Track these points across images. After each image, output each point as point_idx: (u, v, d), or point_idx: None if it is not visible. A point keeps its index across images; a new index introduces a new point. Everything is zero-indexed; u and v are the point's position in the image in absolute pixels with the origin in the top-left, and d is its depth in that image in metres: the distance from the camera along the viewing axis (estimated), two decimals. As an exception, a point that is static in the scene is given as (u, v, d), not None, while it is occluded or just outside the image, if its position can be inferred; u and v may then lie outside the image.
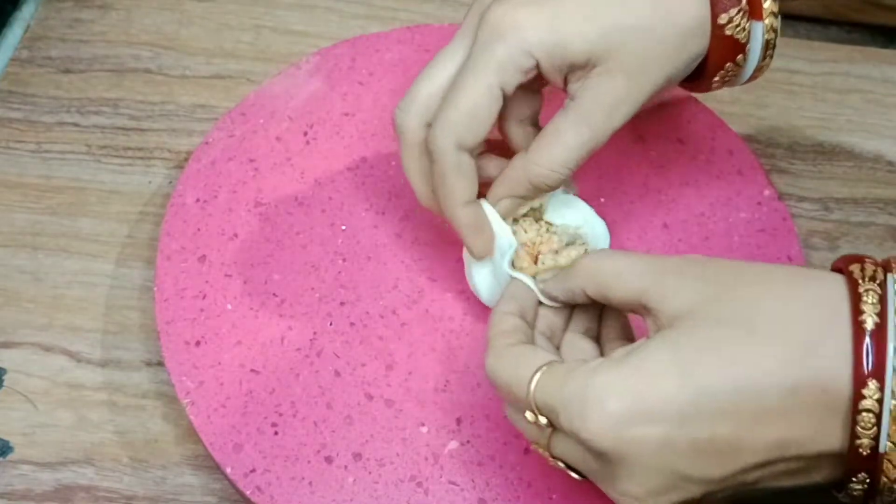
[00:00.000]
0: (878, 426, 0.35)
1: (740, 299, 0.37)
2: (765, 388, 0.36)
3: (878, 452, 0.35)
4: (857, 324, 0.35)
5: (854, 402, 0.35)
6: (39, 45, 0.63)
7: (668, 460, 0.36)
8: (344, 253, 0.53)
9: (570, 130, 0.45)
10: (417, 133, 0.46)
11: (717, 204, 0.54)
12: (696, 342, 0.37)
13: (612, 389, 0.36)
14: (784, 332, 0.36)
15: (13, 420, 0.50)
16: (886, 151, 0.60)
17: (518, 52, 0.44)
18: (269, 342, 0.50)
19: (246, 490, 0.46)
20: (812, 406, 0.35)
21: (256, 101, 0.58)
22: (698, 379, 0.36)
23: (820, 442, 0.36)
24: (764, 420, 0.36)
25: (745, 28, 0.46)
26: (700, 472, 0.37)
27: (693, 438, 0.36)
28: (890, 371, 0.34)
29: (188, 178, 0.55)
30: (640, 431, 0.36)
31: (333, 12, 0.65)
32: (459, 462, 0.47)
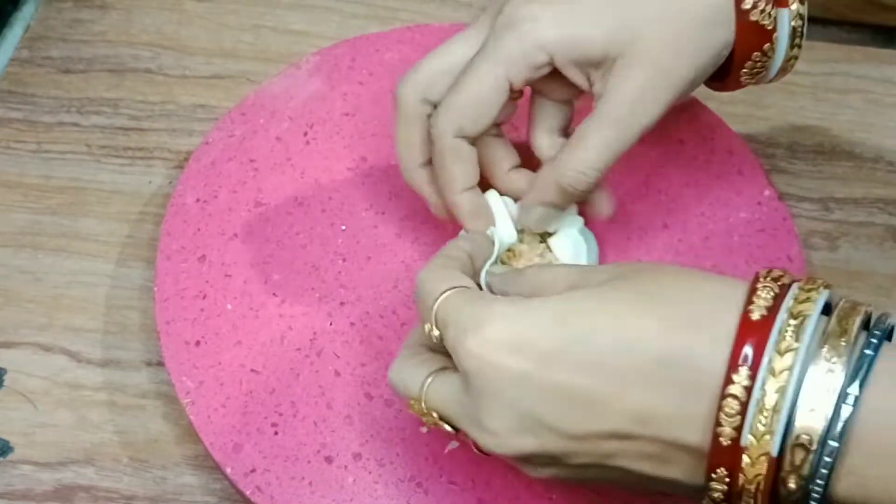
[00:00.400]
0: (743, 417, 0.33)
1: (645, 276, 0.38)
2: (638, 350, 0.35)
3: (738, 445, 0.33)
4: (745, 313, 0.34)
5: (722, 387, 0.34)
6: (39, 45, 0.63)
7: (526, 398, 0.36)
8: (344, 253, 0.53)
9: (596, 132, 0.44)
10: (411, 105, 0.46)
11: (717, 204, 0.54)
12: (589, 297, 0.37)
13: (498, 316, 0.37)
14: (672, 307, 0.36)
15: (13, 420, 0.50)
16: (886, 151, 0.60)
17: (530, 46, 0.43)
18: (269, 342, 0.50)
19: (246, 490, 0.46)
20: (678, 384, 0.35)
21: (256, 101, 0.58)
22: (575, 325, 0.36)
23: (680, 427, 0.35)
24: (629, 383, 0.35)
25: (770, 14, 0.45)
26: (557, 423, 0.36)
27: (553, 382, 0.36)
28: (765, 363, 0.33)
29: (188, 178, 0.55)
30: (505, 360, 0.36)
31: (333, 12, 0.65)
32: (459, 462, 0.47)
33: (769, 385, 0.33)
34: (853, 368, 0.33)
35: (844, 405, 0.33)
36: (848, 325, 0.34)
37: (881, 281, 0.55)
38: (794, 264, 0.52)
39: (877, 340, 0.34)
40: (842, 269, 0.55)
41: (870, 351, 0.33)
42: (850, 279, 0.55)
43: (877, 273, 0.55)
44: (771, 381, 0.33)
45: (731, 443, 0.34)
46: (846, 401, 0.33)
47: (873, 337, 0.34)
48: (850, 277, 0.55)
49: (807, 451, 0.33)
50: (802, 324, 0.34)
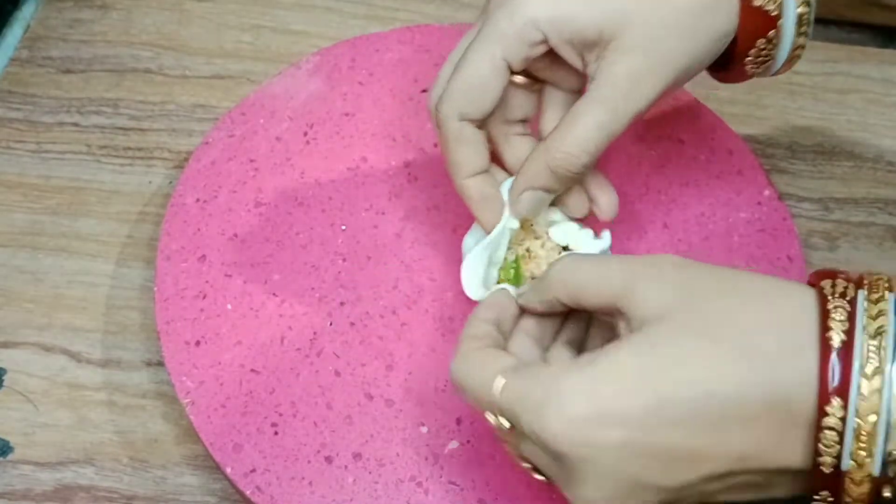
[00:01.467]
0: (841, 444, 0.34)
1: (711, 309, 0.37)
2: (727, 398, 0.35)
3: (840, 471, 0.34)
4: (824, 340, 0.34)
5: (817, 420, 0.34)
6: (39, 45, 0.63)
7: (625, 466, 0.36)
8: (344, 253, 0.53)
9: (588, 113, 0.43)
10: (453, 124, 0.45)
11: (717, 204, 0.54)
12: (662, 349, 0.36)
13: (572, 392, 0.36)
14: (751, 345, 0.35)
15: (13, 420, 0.50)
16: (886, 151, 0.60)
17: (522, 22, 0.43)
18: (269, 342, 0.50)
19: (246, 490, 0.46)
20: (774, 421, 0.35)
21: (256, 101, 0.58)
22: (661, 386, 0.35)
23: (781, 457, 0.35)
24: (724, 431, 0.35)
25: (777, 2, 0.44)
26: (657, 480, 0.36)
27: (651, 445, 0.35)
28: (854, 389, 0.34)
29: (188, 178, 0.55)
30: (598, 435, 0.35)
31: (333, 12, 0.65)
32: (459, 462, 0.47)
33: (862, 411, 0.34)
34: None
35: None
36: None
37: (881, 281, 0.55)
38: (794, 264, 0.52)
39: None
40: (842, 269, 0.55)
41: None
42: (850, 279, 0.55)
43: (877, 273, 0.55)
44: (863, 406, 0.34)
45: (832, 469, 0.34)
46: None
47: None
48: (850, 277, 0.55)
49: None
50: (882, 342, 0.34)
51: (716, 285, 0.38)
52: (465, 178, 0.46)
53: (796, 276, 0.52)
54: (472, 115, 0.44)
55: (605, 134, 0.44)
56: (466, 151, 0.45)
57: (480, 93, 0.44)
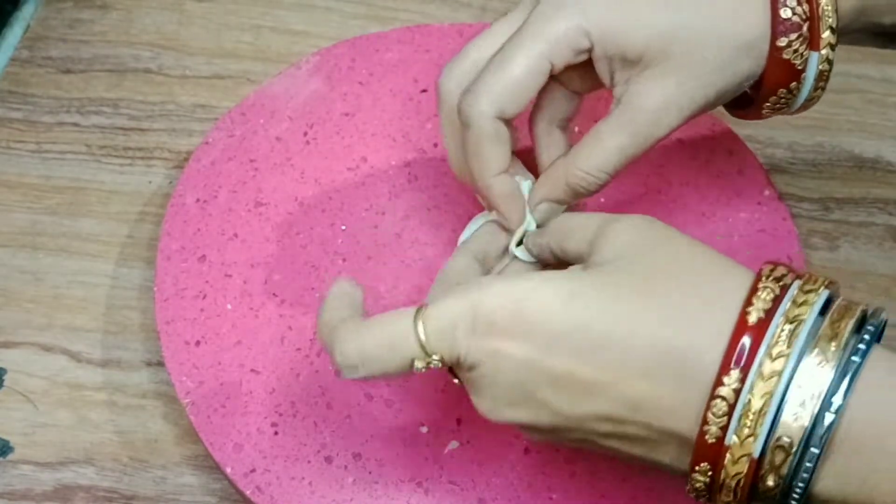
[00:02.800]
0: (729, 418, 0.34)
1: (655, 267, 0.38)
2: (638, 340, 0.36)
3: (722, 444, 0.34)
4: (743, 315, 0.35)
5: (713, 387, 0.34)
6: (39, 45, 0.63)
7: (525, 379, 0.37)
8: (344, 253, 0.53)
9: (612, 137, 0.44)
10: (458, 99, 0.45)
11: (717, 204, 0.54)
12: (596, 280, 0.37)
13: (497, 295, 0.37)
14: (676, 304, 0.36)
15: (13, 420, 0.50)
16: (886, 151, 0.60)
17: (576, 29, 0.43)
18: (269, 342, 0.50)
19: (246, 490, 0.46)
20: (675, 381, 0.35)
21: (256, 101, 0.58)
22: (580, 312, 0.36)
23: (673, 418, 0.36)
24: (625, 375, 0.36)
25: (802, 55, 0.45)
26: (552, 400, 0.37)
27: (555, 366, 0.36)
28: (755, 367, 0.34)
29: (188, 178, 0.55)
30: (506, 346, 0.37)
31: (333, 12, 0.65)
32: (459, 462, 0.47)
33: (757, 389, 0.34)
34: (839, 374, 0.34)
35: (828, 413, 0.33)
36: (840, 328, 0.35)
37: (881, 281, 0.55)
38: (794, 264, 0.52)
39: (865, 346, 0.34)
40: (842, 269, 0.55)
41: (857, 358, 0.34)
42: (850, 279, 0.55)
43: (877, 273, 0.55)
44: (759, 384, 0.34)
45: (715, 441, 0.35)
46: (830, 408, 0.34)
47: (862, 342, 0.34)
48: (850, 277, 0.55)
49: (787, 453, 0.34)
50: (796, 329, 0.34)
51: (672, 249, 0.38)
52: (493, 176, 0.45)
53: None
54: (508, 114, 0.44)
55: (626, 157, 0.45)
56: (498, 150, 0.45)
57: (522, 92, 0.44)
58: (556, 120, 0.47)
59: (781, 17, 0.44)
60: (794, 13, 0.44)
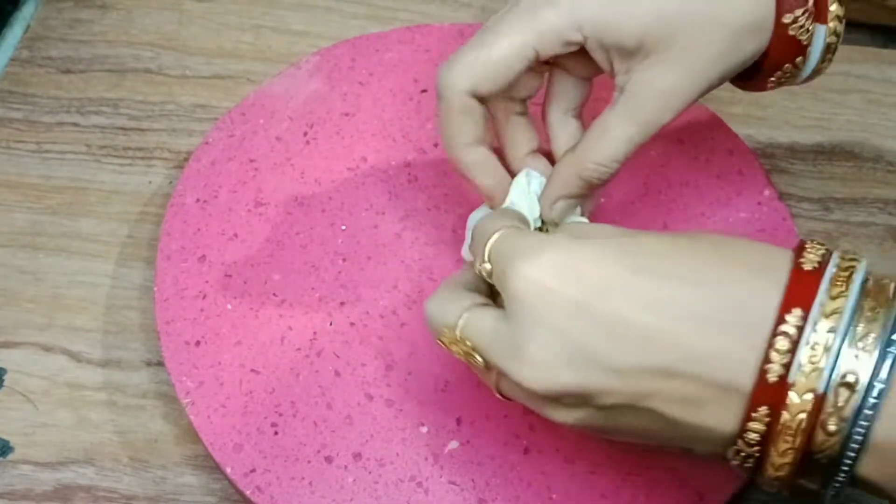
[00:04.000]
0: (793, 355, 0.34)
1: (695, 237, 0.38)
2: (698, 292, 0.35)
3: (785, 381, 0.34)
4: (797, 265, 0.36)
5: (774, 326, 0.34)
6: (39, 45, 0.63)
7: (577, 327, 0.36)
8: (344, 253, 0.53)
9: (619, 126, 0.44)
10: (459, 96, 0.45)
11: (717, 204, 0.54)
12: (651, 241, 0.37)
13: (556, 246, 0.37)
14: (733, 259, 0.37)
15: (13, 420, 0.50)
16: (886, 151, 0.60)
17: (567, 22, 0.43)
18: (269, 342, 0.50)
19: (246, 490, 0.46)
20: (735, 325, 0.35)
21: (256, 101, 0.58)
22: (636, 260, 0.36)
23: (729, 368, 0.35)
24: (685, 322, 0.35)
25: (808, 29, 0.44)
26: (606, 353, 0.35)
27: (611, 311, 0.35)
28: (817, 306, 0.34)
29: (188, 178, 0.55)
30: (563, 287, 0.36)
31: (333, 12, 0.65)
32: (459, 462, 0.47)
33: (821, 325, 0.34)
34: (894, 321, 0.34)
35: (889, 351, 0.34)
36: (885, 286, 0.36)
37: (881, 281, 0.55)
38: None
39: None
40: (842, 269, 0.55)
41: None
42: (850, 279, 0.55)
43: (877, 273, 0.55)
44: (822, 321, 0.34)
45: (778, 379, 0.34)
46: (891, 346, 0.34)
47: None
48: (850, 277, 0.55)
49: (851, 390, 0.33)
50: (851, 275, 0.35)
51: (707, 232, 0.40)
52: (462, 146, 0.45)
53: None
54: (481, 91, 0.44)
55: (634, 145, 0.45)
56: (468, 122, 0.44)
57: (499, 73, 0.43)
58: (569, 109, 0.47)
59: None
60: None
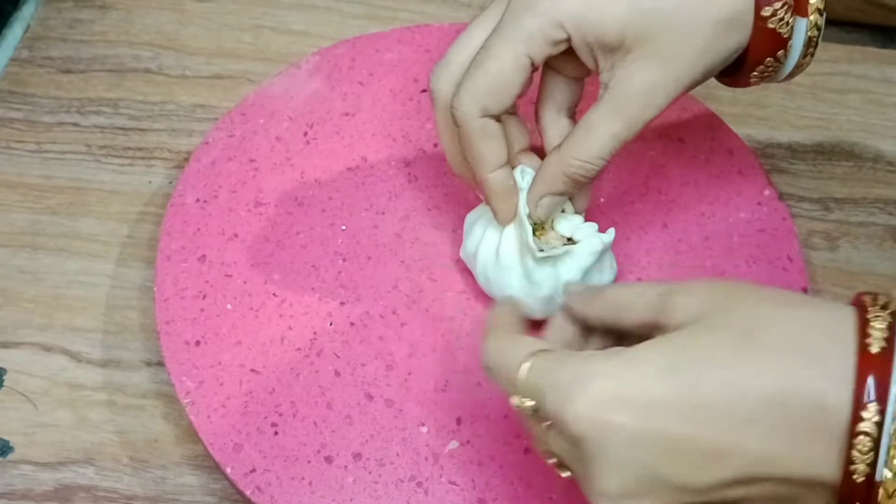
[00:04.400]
0: (876, 452, 0.33)
1: (744, 310, 0.36)
2: (756, 395, 0.34)
3: (873, 480, 0.33)
4: (863, 346, 0.33)
5: (852, 425, 0.33)
6: (39, 45, 0.63)
7: (644, 455, 0.35)
8: (344, 253, 0.53)
9: (603, 123, 0.44)
10: (450, 98, 0.46)
11: (717, 204, 0.54)
12: (691, 343, 0.36)
13: (599, 375, 0.35)
14: (784, 345, 0.35)
15: (13, 420, 0.50)
16: (886, 151, 0.60)
17: (549, 23, 0.43)
18: (269, 342, 0.50)
19: (246, 490, 0.46)
20: (804, 423, 0.34)
21: (256, 101, 0.58)
22: (687, 375, 0.35)
23: (810, 465, 0.34)
24: (751, 428, 0.34)
25: (788, 23, 0.44)
26: (677, 477, 0.35)
27: (673, 435, 0.34)
28: (893, 397, 0.33)
29: (188, 178, 0.55)
30: (618, 417, 0.35)
31: (333, 12, 0.65)
32: (459, 462, 0.47)
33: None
34: None
35: None
36: None
37: (881, 281, 0.55)
38: (794, 264, 0.52)
39: None
40: (842, 269, 0.55)
41: None
42: (850, 279, 0.55)
43: (877, 273, 0.55)
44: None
45: (864, 479, 0.33)
46: None
47: None
48: (849, 277, 0.55)
49: None
50: None
51: (754, 291, 0.37)
52: (491, 171, 0.46)
53: (796, 276, 0.52)
54: (493, 111, 0.44)
55: (619, 142, 0.45)
56: (490, 145, 0.45)
57: (504, 90, 0.44)
58: (562, 108, 0.47)
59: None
60: None
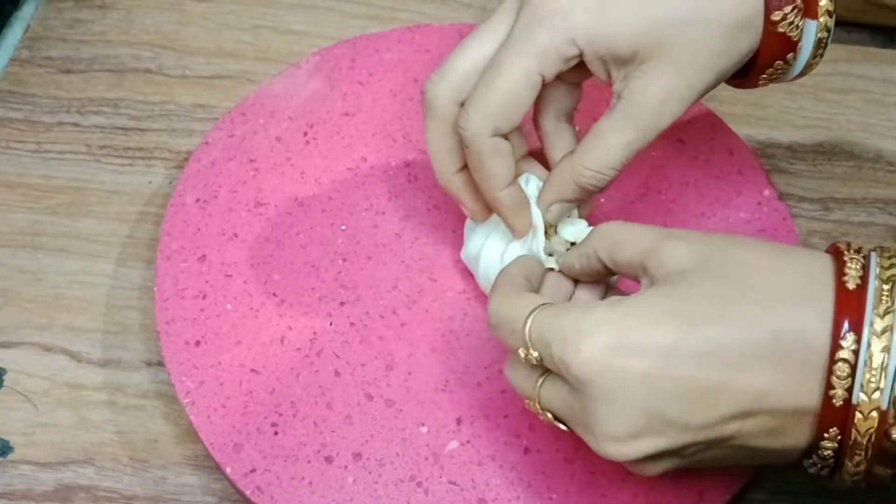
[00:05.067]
0: (853, 378, 0.36)
1: (733, 259, 0.39)
2: (752, 335, 0.37)
3: (850, 404, 0.36)
4: (840, 284, 0.37)
5: (831, 353, 0.36)
6: (39, 45, 0.63)
7: (650, 397, 0.37)
8: (344, 253, 0.53)
9: (616, 133, 0.44)
10: (447, 109, 0.45)
11: (717, 204, 0.54)
12: (689, 291, 0.38)
13: (604, 323, 0.37)
14: (772, 288, 0.38)
15: (13, 420, 0.50)
16: (886, 151, 0.60)
17: (561, 39, 0.43)
18: (269, 342, 0.50)
19: (246, 490, 0.46)
20: (793, 357, 0.37)
21: (256, 101, 0.58)
22: (688, 320, 0.37)
23: (797, 396, 0.37)
24: (748, 366, 0.37)
25: (798, 26, 0.45)
26: (681, 415, 0.37)
27: (678, 377, 0.37)
28: (867, 325, 0.36)
29: (188, 178, 0.55)
30: (626, 362, 0.37)
31: (333, 12, 0.65)
32: (459, 462, 0.47)
33: (874, 346, 0.36)
34: None
35: None
36: None
37: (881, 281, 0.55)
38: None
39: None
40: (842, 269, 0.55)
41: None
42: (850, 279, 0.55)
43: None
44: (875, 342, 0.36)
45: (842, 403, 0.36)
46: None
47: None
48: (850, 277, 0.55)
49: None
50: (894, 288, 0.37)
51: (737, 242, 0.40)
52: (500, 190, 0.46)
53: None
54: (504, 130, 0.44)
55: (633, 151, 0.45)
56: (501, 163, 0.45)
57: (514, 108, 0.44)
58: (561, 114, 0.47)
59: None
60: None
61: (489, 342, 0.50)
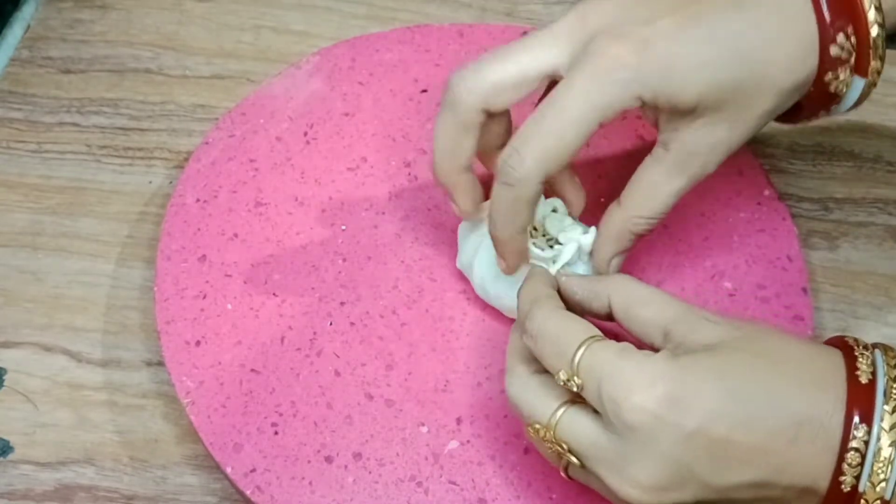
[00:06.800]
0: (862, 467, 0.38)
1: (759, 339, 0.40)
2: (781, 411, 0.38)
3: (857, 491, 0.38)
4: (854, 378, 0.39)
5: (843, 442, 0.38)
6: (39, 45, 0.63)
7: (686, 453, 0.38)
8: (344, 253, 0.53)
9: (668, 183, 0.46)
10: (470, 111, 0.45)
11: (717, 204, 0.54)
12: (727, 360, 0.39)
13: (663, 374, 0.38)
14: (798, 371, 0.39)
15: (13, 420, 0.50)
16: (886, 151, 0.60)
17: (630, 95, 0.42)
18: (269, 342, 0.50)
19: (246, 490, 0.46)
20: (813, 440, 0.38)
21: (256, 101, 0.58)
22: (731, 387, 0.38)
23: (810, 476, 0.38)
24: (775, 440, 0.38)
25: (847, 84, 0.46)
26: (706, 473, 0.38)
27: (715, 438, 0.38)
28: (877, 419, 0.38)
29: (188, 178, 0.55)
30: (677, 417, 0.38)
31: (333, 12, 0.65)
32: (459, 462, 0.47)
33: (884, 440, 0.38)
34: None
35: None
36: None
37: (881, 281, 0.55)
38: (794, 264, 0.52)
39: None
40: (842, 269, 0.55)
41: None
42: (850, 279, 0.55)
43: (877, 273, 0.55)
44: (885, 436, 0.38)
45: (850, 489, 0.38)
46: None
47: None
48: (849, 277, 0.55)
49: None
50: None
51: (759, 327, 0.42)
52: (520, 234, 0.46)
53: (796, 276, 0.52)
54: (551, 176, 0.44)
55: (680, 196, 0.46)
56: (531, 211, 0.45)
57: (568, 156, 0.43)
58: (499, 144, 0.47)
59: (831, 56, 0.44)
60: (842, 49, 0.44)
61: (489, 342, 0.50)
